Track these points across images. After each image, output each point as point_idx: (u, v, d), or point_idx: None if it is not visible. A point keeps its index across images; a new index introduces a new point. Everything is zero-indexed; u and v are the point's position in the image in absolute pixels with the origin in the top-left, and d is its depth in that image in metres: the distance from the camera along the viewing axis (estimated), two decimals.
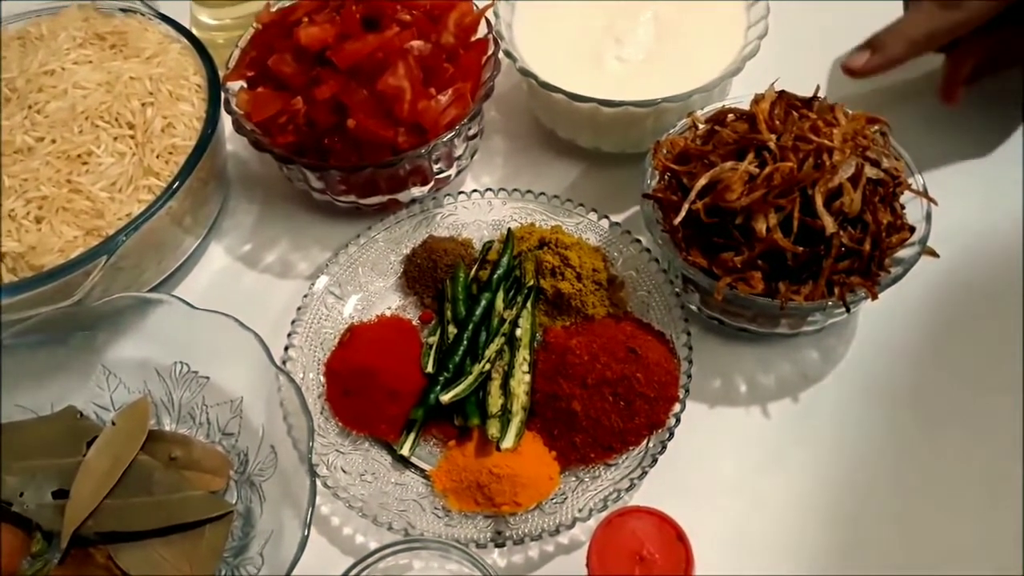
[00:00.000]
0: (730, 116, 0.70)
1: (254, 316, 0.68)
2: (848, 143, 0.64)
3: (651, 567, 0.54)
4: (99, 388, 0.71)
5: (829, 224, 0.62)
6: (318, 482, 0.62)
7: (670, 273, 0.72)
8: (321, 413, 0.69)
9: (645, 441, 0.65)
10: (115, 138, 0.73)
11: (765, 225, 0.62)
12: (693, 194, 0.65)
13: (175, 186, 0.70)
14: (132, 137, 0.73)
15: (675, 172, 0.69)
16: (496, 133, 0.89)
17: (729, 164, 0.64)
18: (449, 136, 0.73)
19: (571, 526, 0.61)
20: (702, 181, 0.64)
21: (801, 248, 0.62)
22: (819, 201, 0.62)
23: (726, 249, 0.65)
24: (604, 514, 0.59)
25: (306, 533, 0.58)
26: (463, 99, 0.74)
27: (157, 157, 0.73)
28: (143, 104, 0.75)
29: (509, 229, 0.76)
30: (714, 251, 0.66)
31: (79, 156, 0.71)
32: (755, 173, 0.63)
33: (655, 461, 0.63)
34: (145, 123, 0.74)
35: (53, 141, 0.71)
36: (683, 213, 0.65)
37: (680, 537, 0.55)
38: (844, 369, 0.71)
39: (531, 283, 0.73)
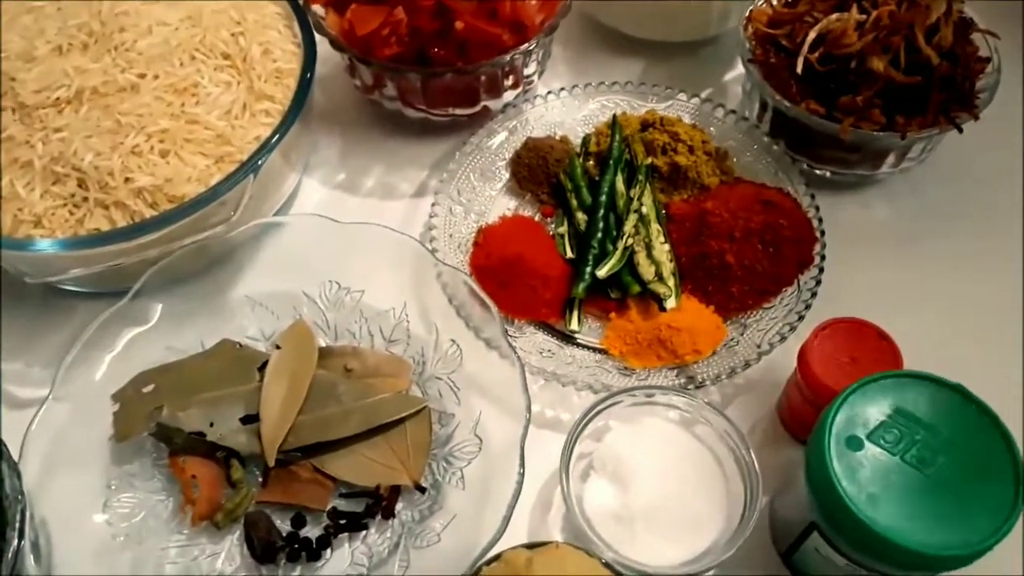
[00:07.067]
0: None
1: None
2: None
3: (864, 366, 0.58)
4: (244, 321, 0.70)
5: (933, 56, 0.68)
6: None
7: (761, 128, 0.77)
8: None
9: (796, 280, 0.70)
10: (215, 68, 0.71)
11: (882, 64, 0.68)
12: (805, 47, 0.70)
13: (300, 101, 0.70)
14: (232, 66, 0.72)
15: (773, 36, 0.74)
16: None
17: (835, 16, 0.70)
18: (548, 33, 0.76)
19: (757, 360, 0.65)
20: (813, 34, 0.70)
21: (917, 78, 0.68)
22: (921, 37, 0.69)
23: (840, 95, 0.70)
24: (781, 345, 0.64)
25: (528, 406, 0.59)
26: None
27: (265, 82, 0.71)
28: (233, 34, 0.73)
29: (614, 115, 0.79)
30: (826, 99, 0.71)
31: (186, 89, 0.69)
32: (862, 20, 0.69)
33: (815, 294, 0.68)
34: (241, 51, 0.72)
35: (156, 76, 0.69)
36: (800, 63, 0.70)
37: (883, 336, 0.60)
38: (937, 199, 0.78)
39: (648, 161, 0.76)
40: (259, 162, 0.66)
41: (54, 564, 0.57)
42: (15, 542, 0.53)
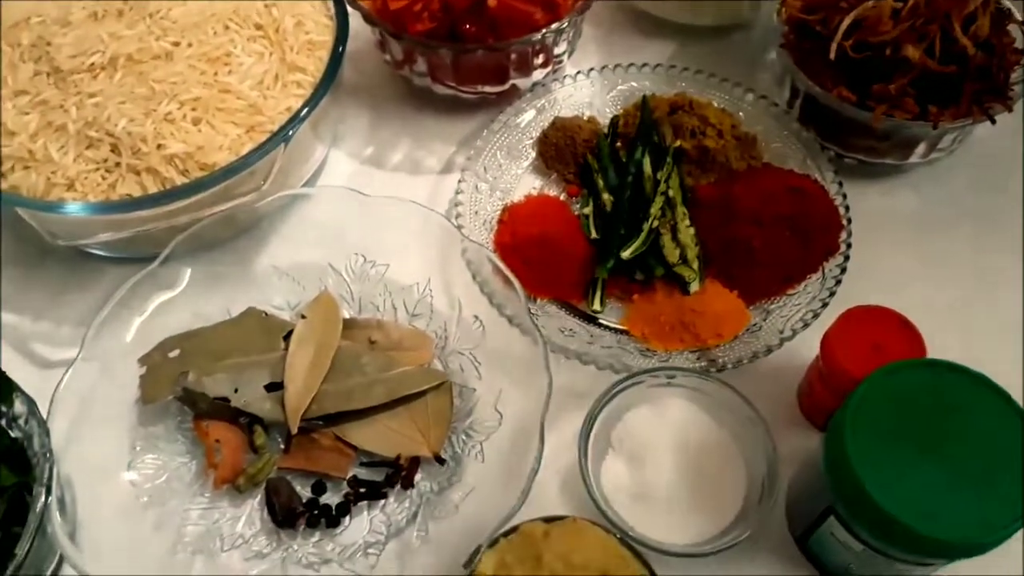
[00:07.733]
0: None
1: None
2: None
3: (886, 354, 0.58)
4: (270, 290, 0.70)
5: (969, 45, 0.68)
6: None
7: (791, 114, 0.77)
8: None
9: (822, 268, 0.69)
10: (248, 39, 0.72)
11: (917, 52, 0.68)
12: (839, 34, 0.69)
13: (332, 74, 0.70)
14: (264, 37, 0.72)
15: (806, 22, 0.73)
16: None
17: (870, 3, 0.69)
18: (579, 13, 0.76)
19: (780, 346, 0.65)
20: (848, 20, 0.69)
21: (952, 68, 0.68)
22: (958, 26, 0.68)
23: (873, 82, 0.70)
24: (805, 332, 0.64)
25: (549, 384, 0.60)
26: None
27: (297, 53, 0.72)
28: (266, 5, 0.74)
29: (644, 96, 0.79)
30: (858, 87, 0.71)
31: (219, 58, 0.70)
32: (898, 7, 0.69)
33: (839, 282, 0.68)
34: (275, 22, 0.73)
35: (190, 45, 0.70)
36: (834, 49, 0.69)
37: (906, 324, 0.59)
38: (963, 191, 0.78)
39: (676, 144, 0.76)
40: (290, 132, 0.67)
41: (79, 521, 0.58)
42: (43, 498, 0.54)
